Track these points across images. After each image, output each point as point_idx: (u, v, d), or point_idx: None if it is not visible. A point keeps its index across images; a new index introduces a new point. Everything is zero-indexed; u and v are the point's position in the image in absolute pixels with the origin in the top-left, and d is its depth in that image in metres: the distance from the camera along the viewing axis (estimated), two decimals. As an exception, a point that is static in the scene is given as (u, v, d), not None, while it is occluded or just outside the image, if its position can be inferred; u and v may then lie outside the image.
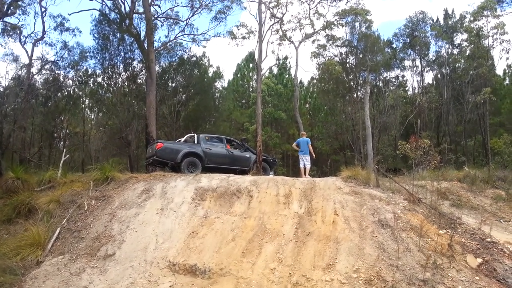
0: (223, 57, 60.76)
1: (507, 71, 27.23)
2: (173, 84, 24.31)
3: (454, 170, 16.11)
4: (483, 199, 12.61)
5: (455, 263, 6.70)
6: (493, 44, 22.85)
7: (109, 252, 7.62)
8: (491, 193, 13.11)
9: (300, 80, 30.99)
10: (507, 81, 26.87)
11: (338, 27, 25.07)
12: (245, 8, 34.58)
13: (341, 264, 6.64)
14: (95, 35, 22.01)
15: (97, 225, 8.58)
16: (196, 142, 13.88)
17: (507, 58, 31.55)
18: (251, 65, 29.95)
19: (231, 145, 14.61)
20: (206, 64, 26.95)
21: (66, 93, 23.84)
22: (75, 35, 21.99)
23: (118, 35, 21.70)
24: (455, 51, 25.31)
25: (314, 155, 14.03)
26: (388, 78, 27.79)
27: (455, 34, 25.29)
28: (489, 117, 21.48)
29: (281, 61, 29.82)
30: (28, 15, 20.68)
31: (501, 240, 8.02)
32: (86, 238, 8.22)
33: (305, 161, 13.61)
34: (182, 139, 14.67)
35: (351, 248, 7.01)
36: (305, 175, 13.34)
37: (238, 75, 30.85)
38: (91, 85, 24.34)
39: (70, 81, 24.00)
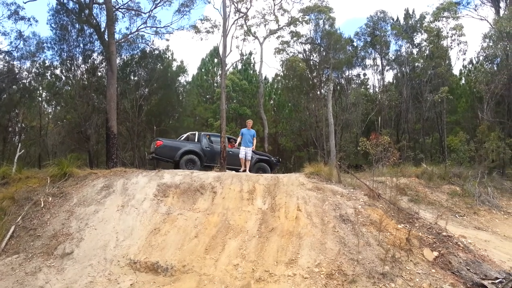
0: (187, 52, 60.07)
1: (463, 71, 28.29)
2: (135, 78, 23.67)
3: (413, 167, 16.68)
4: (440, 194, 13.13)
5: (413, 257, 6.93)
6: (451, 45, 23.68)
7: (67, 251, 7.37)
8: (447, 189, 13.68)
9: (265, 76, 31.05)
10: (463, 81, 27.92)
11: (302, 24, 25.25)
12: (209, 2, 34.07)
13: (303, 259, 6.72)
14: (53, 25, 21.04)
15: (54, 223, 8.27)
16: (196, 140, 13.92)
17: (464, 59, 32.99)
18: (215, 60, 29.70)
19: (233, 144, 14.65)
20: (170, 58, 26.47)
21: (21, 85, 22.75)
22: (31, 24, 20.82)
23: (77, 26, 20.88)
24: (415, 50, 26.08)
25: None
26: (350, 76, 28.34)
27: (415, 34, 26.04)
28: (446, 116, 22.27)
29: (245, 57, 29.74)
30: (-21, 2, 19.47)
31: (456, 234, 8.38)
32: (43, 237, 7.91)
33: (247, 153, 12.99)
34: (183, 137, 14.70)
35: (313, 243, 7.11)
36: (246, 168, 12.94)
37: (203, 70, 30.46)
38: (49, 77, 23.34)
39: (26, 73, 22.93)
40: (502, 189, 14.57)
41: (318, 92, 25.78)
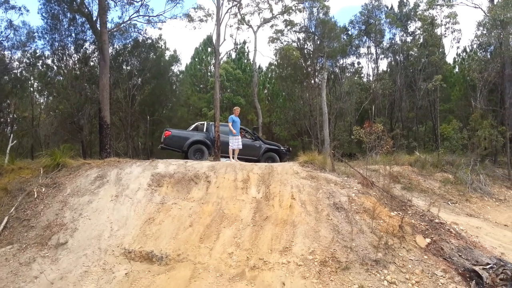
0: (180, 41, 59.54)
1: (456, 59, 28.34)
2: (127, 67, 23.48)
3: (406, 155, 16.77)
4: (432, 182, 13.24)
5: (405, 244, 7.01)
6: (445, 33, 23.62)
7: (61, 241, 7.36)
8: (440, 176, 13.79)
9: (259, 65, 30.93)
10: (456, 69, 27.97)
11: (296, 12, 25.09)
12: (203, -9, 33.73)
13: (297, 246, 6.77)
14: (44, 14, 20.76)
15: (47, 213, 8.25)
16: (205, 130, 13.94)
17: (457, 47, 32.98)
18: (209, 49, 29.51)
19: (243, 134, 14.54)
20: (163, 47, 26.23)
21: (12, 75, 22.50)
22: (21, 13, 20.48)
23: (69, 15, 20.63)
24: (409, 39, 26.04)
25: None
26: (344, 65, 28.28)
27: (409, 22, 25.99)
28: (439, 104, 22.32)
29: (239, 46, 29.58)
30: (-32, -9, 19.07)
31: (448, 221, 8.47)
32: (36, 227, 7.88)
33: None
34: (192, 126, 14.82)
35: (307, 231, 7.17)
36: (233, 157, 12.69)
37: (196, 59, 30.27)
38: (40, 67, 23.11)
39: (17, 63, 22.67)
40: (494, 176, 14.72)
41: (312, 81, 25.72)
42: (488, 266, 6.41)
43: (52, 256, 7.01)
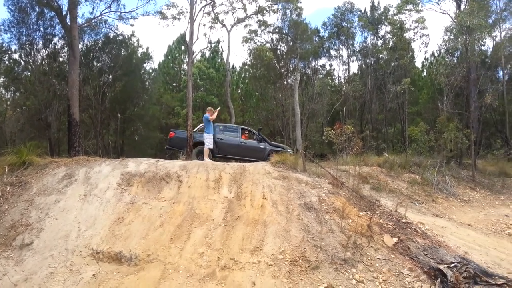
0: (153, 38, 58.75)
1: (425, 63, 29.14)
2: (98, 64, 22.97)
3: (375, 156, 17.11)
4: (400, 183, 13.57)
5: (373, 243, 7.16)
6: (414, 37, 24.28)
7: (26, 241, 7.16)
8: (408, 177, 14.15)
9: (232, 65, 30.86)
10: (424, 73, 28.74)
11: (270, 13, 25.19)
12: (176, -12, 33.35)
13: (268, 246, 6.82)
14: (10, 7, 20.01)
15: (12, 213, 8.00)
16: None
17: (426, 52, 33.93)
18: (182, 47, 29.24)
19: (248, 135, 14.77)
20: (135, 44, 25.82)
21: (-24, 70, 21.69)
22: (-14, 6, 19.90)
23: (37, 9, 20.04)
24: (379, 42, 26.59)
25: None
26: (316, 66, 28.62)
27: (379, 26, 26.53)
28: (407, 107, 22.84)
29: (213, 45, 29.43)
30: None
31: (415, 220, 8.71)
32: (0, 227, 7.63)
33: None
34: (197, 128, 14.64)
35: (278, 230, 7.23)
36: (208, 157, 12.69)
37: (169, 57, 29.91)
38: (6, 61, 22.33)
39: (-18, 57, 21.84)
40: (459, 177, 15.21)
41: (285, 82, 25.91)
42: (452, 265, 6.63)
43: (17, 257, 6.81)
